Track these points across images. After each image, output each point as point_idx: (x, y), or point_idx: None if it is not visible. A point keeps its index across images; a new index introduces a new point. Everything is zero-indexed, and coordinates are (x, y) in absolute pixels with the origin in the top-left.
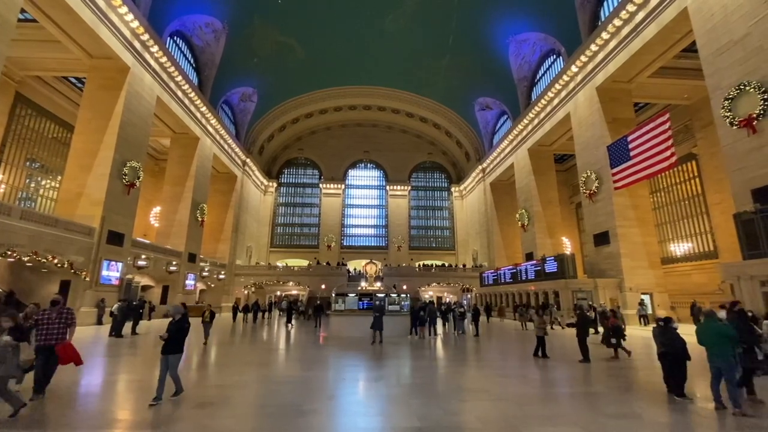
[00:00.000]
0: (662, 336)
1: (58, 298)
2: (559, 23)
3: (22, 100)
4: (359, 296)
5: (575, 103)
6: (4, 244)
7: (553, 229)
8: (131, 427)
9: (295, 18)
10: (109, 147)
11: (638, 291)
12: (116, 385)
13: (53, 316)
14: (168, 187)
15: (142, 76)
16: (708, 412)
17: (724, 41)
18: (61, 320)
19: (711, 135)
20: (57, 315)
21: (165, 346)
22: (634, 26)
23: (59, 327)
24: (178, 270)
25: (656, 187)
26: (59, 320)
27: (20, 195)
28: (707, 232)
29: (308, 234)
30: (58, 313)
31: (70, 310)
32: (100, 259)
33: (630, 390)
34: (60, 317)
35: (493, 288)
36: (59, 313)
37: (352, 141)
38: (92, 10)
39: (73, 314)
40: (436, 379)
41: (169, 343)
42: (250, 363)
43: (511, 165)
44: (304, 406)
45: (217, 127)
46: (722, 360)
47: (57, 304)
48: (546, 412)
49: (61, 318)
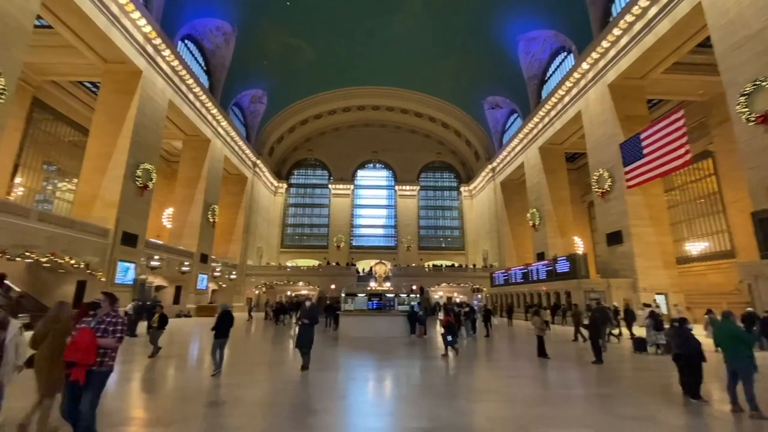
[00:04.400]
0: (677, 337)
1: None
2: (569, 20)
3: (39, 105)
4: (369, 296)
5: (587, 101)
6: (23, 245)
7: (565, 228)
8: (144, 424)
9: (304, 20)
10: (123, 150)
11: (653, 291)
12: (130, 383)
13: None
14: (180, 189)
15: (154, 79)
16: (724, 414)
17: (740, 36)
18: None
19: (727, 132)
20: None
21: (216, 333)
22: (646, 22)
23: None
24: (191, 270)
25: (671, 186)
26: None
27: (38, 197)
28: (724, 231)
29: (318, 234)
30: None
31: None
32: (114, 260)
33: (644, 392)
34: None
35: (503, 288)
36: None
37: (360, 141)
38: (106, 16)
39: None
40: (446, 379)
41: (218, 330)
42: (260, 363)
43: (521, 164)
44: (315, 405)
45: (227, 129)
46: (738, 361)
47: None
48: (557, 413)
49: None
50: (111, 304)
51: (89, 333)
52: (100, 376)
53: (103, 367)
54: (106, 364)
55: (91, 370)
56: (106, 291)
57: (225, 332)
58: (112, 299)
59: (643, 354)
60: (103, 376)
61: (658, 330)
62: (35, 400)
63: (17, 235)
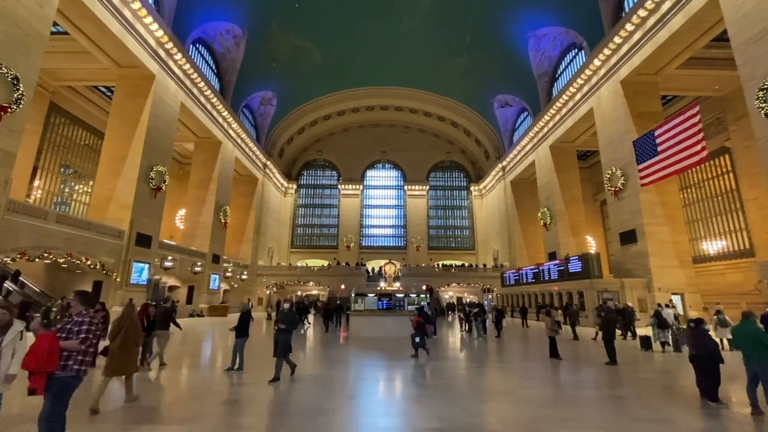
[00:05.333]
0: (693, 338)
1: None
2: (580, 16)
3: (56, 110)
4: (379, 296)
5: (598, 98)
6: (42, 246)
7: (577, 227)
8: (160, 422)
9: (312, 22)
10: (136, 152)
11: (668, 291)
12: (143, 381)
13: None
14: (192, 190)
15: (166, 83)
16: (744, 417)
17: (758, 29)
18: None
19: (745, 127)
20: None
21: (237, 333)
22: (660, 16)
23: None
24: (203, 271)
25: (686, 183)
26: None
27: (56, 200)
28: (742, 230)
29: (327, 234)
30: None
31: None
32: (129, 261)
33: (660, 394)
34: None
35: (514, 288)
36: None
37: (369, 141)
38: (120, 22)
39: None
40: (457, 379)
41: (239, 330)
42: (270, 362)
43: (532, 163)
44: (326, 404)
45: (238, 131)
46: (758, 363)
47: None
48: (570, 414)
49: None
50: (83, 304)
51: (47, 338)
52: (60, 382)
53: (66, 372)
54: (70, 368)
55: (53, 375)
56: (79, 290)
57: (245, 332)
58: (83, 298)
59: (649, 351)
60: (65, 382)
61: (662, 328)
62: (102, 383)
63: (37, 236)
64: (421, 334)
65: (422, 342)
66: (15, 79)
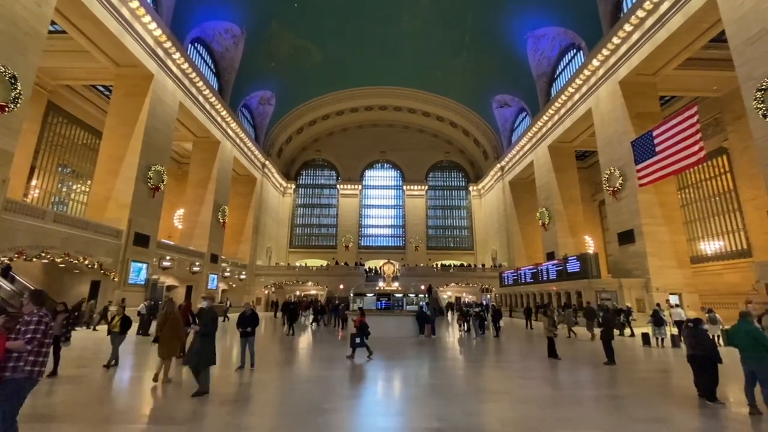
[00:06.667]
0: (691, 338)
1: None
2: (579, 17)
3: (53, 109)
4: (377, 296)
5: (597, 98)
6: (39, 246)
7: (575, 227)
8: (157, 422)
9: (311, 21)
10: (134, 152)
11: (666, 291)
12: (142, 381)
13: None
14: (191, 190)
15: (165, 82)
16: (742, 417)
17: (756, 30)
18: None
19: (743, 128)
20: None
21: (243, 332)
22: (658, 17)
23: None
24: (201, 270)
25: (684, 183)
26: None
27: (53, 199)
28: (740, 230)
29: (326, 234)
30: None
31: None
32: (127, 260)
33: (658, 393)
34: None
35: (513, 288)
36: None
37: (368, 141)
38: (118, 21)
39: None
40: (456, 379)
41: (246, 330)
42: (270, 362)
43: (530, 163)
44: (325, 404)
45: (236, 130)
46: (755, 362)
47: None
48: (568, 414)
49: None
50: (35, 304)
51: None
52: (9, 384)
53: (17, 373)
54: (21, 369)
55: (3, 376)
56: (35, 289)
57: (252, 332)
58: (36, 298)
59: (647, 347)
60: (14, 384)
61: (658, 326)
62: (159, 363)
63: (34, 236)
64: (362, 335)
65: (362, 342)
66: (12, 78)
